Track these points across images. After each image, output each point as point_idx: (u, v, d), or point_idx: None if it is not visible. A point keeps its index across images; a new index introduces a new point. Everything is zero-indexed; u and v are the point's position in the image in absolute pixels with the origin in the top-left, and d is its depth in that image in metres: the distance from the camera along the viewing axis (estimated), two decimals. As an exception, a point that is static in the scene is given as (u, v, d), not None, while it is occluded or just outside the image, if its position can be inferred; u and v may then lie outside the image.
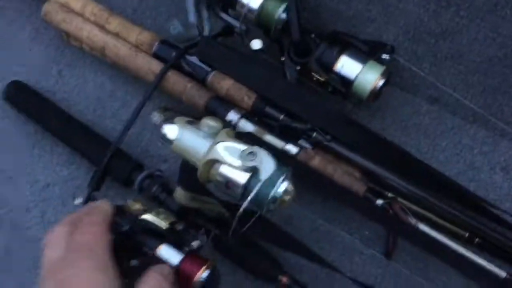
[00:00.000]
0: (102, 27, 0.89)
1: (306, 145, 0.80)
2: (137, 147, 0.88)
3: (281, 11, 0.79)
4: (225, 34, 0.86)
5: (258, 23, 0.80)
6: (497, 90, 0.77)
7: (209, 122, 0.66)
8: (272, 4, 0.80)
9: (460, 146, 0.82)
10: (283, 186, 0.62)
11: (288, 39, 0.82)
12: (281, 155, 0.78)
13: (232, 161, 0.61)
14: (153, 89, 0.82)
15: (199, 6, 0.81)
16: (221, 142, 0.63)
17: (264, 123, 0.83)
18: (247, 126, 0.81)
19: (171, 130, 0.66)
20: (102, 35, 0.87)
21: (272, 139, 0.79)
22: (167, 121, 0.67)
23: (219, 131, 0.65)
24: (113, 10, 0.91)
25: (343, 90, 0.79)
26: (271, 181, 0.62)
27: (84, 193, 0.78)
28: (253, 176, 0.61)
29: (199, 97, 0.83)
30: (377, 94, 0.80)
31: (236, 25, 0.82)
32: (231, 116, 0.82)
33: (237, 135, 0.66)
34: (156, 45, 0.86)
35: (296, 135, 0.81)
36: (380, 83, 0.78)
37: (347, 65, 0.79)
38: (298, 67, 0.83)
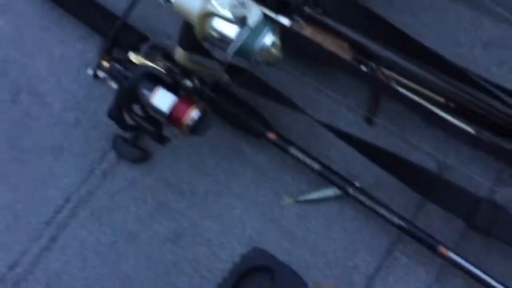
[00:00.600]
0: None
1: (299, 19, 0.86)
2: (144, 24, 0.95)
3: None
4: None
5: None
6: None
7: (206, -17, 0.72)
8: None
9: (444, 24, 0.87)
10: (269, 38, 0.69)
11: None
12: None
13: (224, 12, 0.68)
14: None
15: None
16: (215, -3, 0.69)
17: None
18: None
19: (170, -11, 0.73)
20: None
21: (265, 10, 0.85)
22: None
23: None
24: None
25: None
26: (258, 32, 0.69)
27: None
28: (242, 29, 0.68)
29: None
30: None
31: None
32: (229, -9, 0.88)
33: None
34: None
35: (291, 10, 0.87)
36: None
37: None
38: None
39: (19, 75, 0.96)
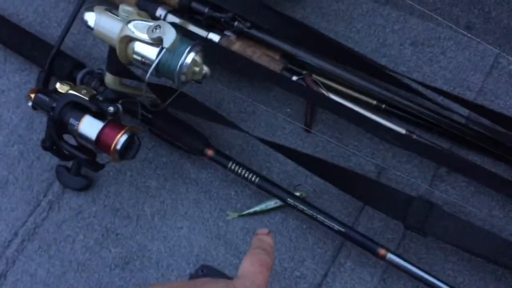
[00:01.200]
0: None
1: (230, 34, 0.87)
2: (81, 51, 0.95)
3: None
4: None
5: None
6: (398, -33, 0.83)
7: (125, 8, 0.72)
8: None
9: (374, 27, 0.88)
10: (190, 56, 0.70)
11: None
12: (205, 43, 0.85)
13: (141, 36, 0.69)
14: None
15: None
16: (132, 21, 0.70)
17: (193, 19, 0.90)
18: (174, 20, 0.87)
19: (89, 17, 0.73)
20: None
21: (196, 29, 0.86)
22: (87, 9, 0.74)
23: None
24: None
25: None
26: (178, 52, 0.70)
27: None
28: (162, 50, 0.68)
29: (130, -3, 0.89)
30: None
31: None
32: (159, 11, 0.88)
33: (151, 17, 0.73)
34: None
35: (222, 27, 0.88)
36: (292, -31, 0.83)
37: (262, -45, 0.84)
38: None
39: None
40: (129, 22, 0.70)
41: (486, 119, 0.76)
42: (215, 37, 0.86)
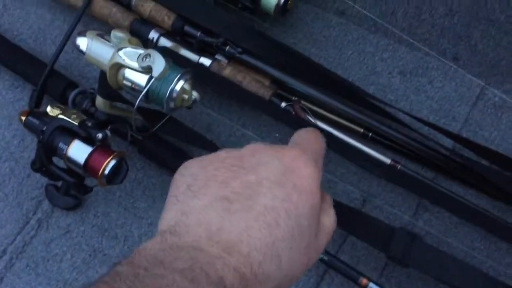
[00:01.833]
0: (37, -40, 0.96)
1: (221, 59, 0.88)
2: (74, 69, 0.96)
3: None
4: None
5: None
6: (387, -3, 0.84)
7: (117, 34, 0.73)
8: None
9: (363, 54, 0.89)
10: (179, 84, 0.71)
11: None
12: (195, 67, 0.86)
13: (131, 63, 0.70)
14: (81, 13, 0.89)
15: None
16: (123, 48, 0.71)
17: (185, 41, 0.91)
18: (166, 43, 0.88)
19: (81, 41, 0.74)
20: (35, -34, 0.95)
21: (187, 53, 0.87)
22: (80, 34, 0.75)
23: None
24: None
25: (251, 6, 0.86)
26: (168, 80, 0.71)
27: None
28: (150, 78, 0.69)
29: (123, 19, 0.90)
30: (283, 8, 0.87)
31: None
32: (152, 34, 0.89)
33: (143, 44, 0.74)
34: (85, -26, 0.93)
35: (214, 51, 0.89)
36: (284, -4, 0.85)
37: (255, -18, 0.86)
38: (215, -13, 0.90)
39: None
40: (120, 49, 0.71)
41: (470, 151, 0.77)
42: (206, 61, 0.87)
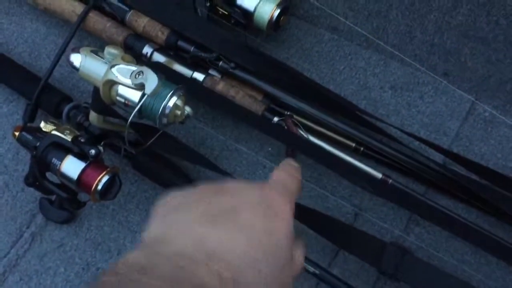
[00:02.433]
0: (32, -25, 0.97)
1: (215, 74, 0.89)
2: (68, 83, 0.97)
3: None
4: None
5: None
6: (379, 14, 0.85)
7: (110, 50, 0.74)
8: None
9: (355, 69, 0.90)
10: (172, 101, 0.71)
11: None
12: (188, 82, 0.86)
13: (124, 80, 0.70)
14: (76, 28, 0.90)
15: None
16: (116, 65, 0.71)
17: (179, 56, 0.91)
18: (160, 58, 0.89)
19: (75, 58, 0.75)
20: (30, -18, 0.96)
21: (180, 68, 0.88)
22: (73, 50, 0.76)
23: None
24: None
25: (244, 22, 0.87)
26: (161, 97, 0.71)
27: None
28: (143, 95, 0.70)
29: (117, 34, 0.91)
30: (276, 24, 0.88)
31: (147, -35, 0.89)
32: (146, 49, 0.90)
33: (137, 61, 0.75)
34: (80, -11, 0.94)
35: (207, 65, 0.90)
36: (276, 12, 0.86)
37: (248, -2, 0.87)
38: (208, 3, 0.90)
39: None
40: (113, 66, 0.71)
41: (460, 165, 0.78)
42: (199, 76, 0.88)
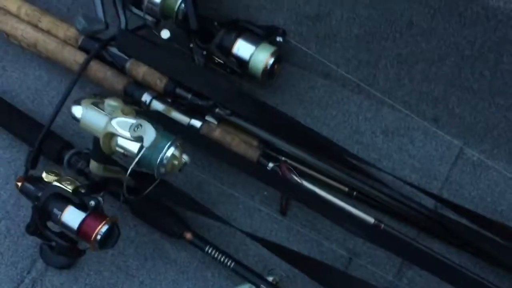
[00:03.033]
0: (35, 25, 1.01)
1: (212, 120, 0.92)
2: (70, 129, 0.99)
3: (179, 3, 0.90)
4: (141, 27, 0.97)
5: (162, 15, 0.92)
6: (369, 63, 0.88)
7: (110, 103, 0.77)
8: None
9: (347, 114, 0.93)
10: (170, 152, 0.74)
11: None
12: (186, 129, 0.89)
13: (123, 133, 0.73)
14: (77, 77, 0.93)
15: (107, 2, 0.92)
16: (116, 118, 0.74)
17: (177, 103, 0.95)
18: (158, 106, 0.92)
19: (77, 110, 0.78)
20: (33, 32, 0.99)
21: (178, 115, 0.91)
22: (75, 102, 0.79)
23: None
24: (49, 9, 1.03)
25: (239, 70, 0.90)
26: (158, 148, 0.74)
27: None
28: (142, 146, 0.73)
29: (117, 82, 0.94)
30: (270, 72, 0.91)
31: (146, 18, 0.93)
32: (145, 97, 0.93)
33: (140, 112, 0.77)
34: (81, 39, 0.98)
35: (204, 112, 0.93)
36: (271, 61, 0.89)
37: (242, 48, 0.90)
38: (205, 52, 0.94)
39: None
40: (113, 118, 0.74)
41: (451, 210, 0.80)
42: (196, 123, 0.91)
